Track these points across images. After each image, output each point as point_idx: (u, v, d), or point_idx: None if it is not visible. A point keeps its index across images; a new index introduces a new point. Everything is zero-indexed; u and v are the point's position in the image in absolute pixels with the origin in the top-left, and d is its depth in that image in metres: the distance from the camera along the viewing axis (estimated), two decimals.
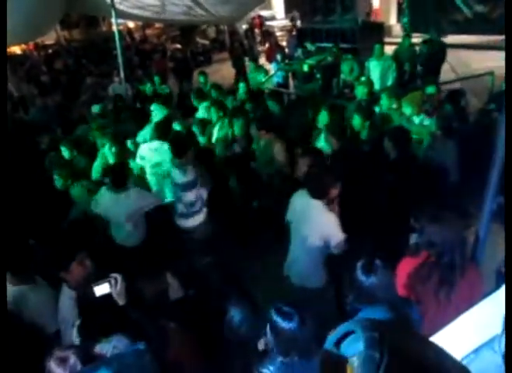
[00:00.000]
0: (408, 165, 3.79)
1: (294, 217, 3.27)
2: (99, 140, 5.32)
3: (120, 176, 4.07)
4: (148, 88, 8.45)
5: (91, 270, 2.74)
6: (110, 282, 2.20)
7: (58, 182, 4.46)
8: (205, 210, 4.26)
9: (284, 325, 1.94)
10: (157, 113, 5.90)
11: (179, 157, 4.08)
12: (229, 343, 2.40)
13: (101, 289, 2.19)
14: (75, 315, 2.53)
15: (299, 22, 18.38)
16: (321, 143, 4.59)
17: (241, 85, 7.56)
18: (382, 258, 2.19)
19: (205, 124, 5.63)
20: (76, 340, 2.41)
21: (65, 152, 5.21)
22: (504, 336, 1.47)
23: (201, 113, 6.48)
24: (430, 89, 5.61)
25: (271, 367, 2.00)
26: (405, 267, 2.46)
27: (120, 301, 2.23)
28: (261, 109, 5.99)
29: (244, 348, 2.20)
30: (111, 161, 4.84)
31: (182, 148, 4.10)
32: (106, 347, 2.24)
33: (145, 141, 5.22)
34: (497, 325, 1.63)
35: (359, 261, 2.18)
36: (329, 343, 1.03)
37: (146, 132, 5.52)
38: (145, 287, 2.50)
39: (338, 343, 1.01)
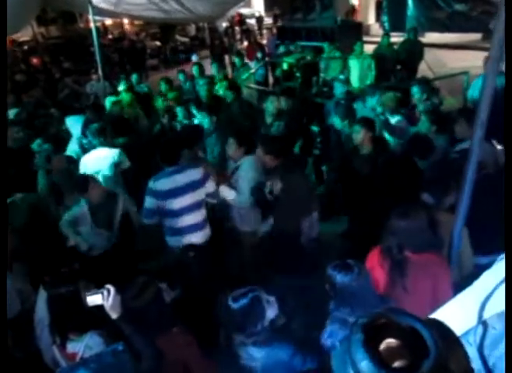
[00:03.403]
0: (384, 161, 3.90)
1: None
2: None
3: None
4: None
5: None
6: (102, 293, 2.09)
7: None
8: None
9: (233, 305, 2.04)
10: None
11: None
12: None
13: (93, 299, 2.09)
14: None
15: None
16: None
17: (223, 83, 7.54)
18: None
19: None
20: (49, 339, 2.38)
21: None
22: (480, 328, 1.51)
23: None
24: (415, 89, 5.26)
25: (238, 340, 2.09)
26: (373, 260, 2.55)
27: (113, 315, 2.10)
28: None
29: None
30: None
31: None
32: (78, 346, 2.23)
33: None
34: (472, 319, 1.68)
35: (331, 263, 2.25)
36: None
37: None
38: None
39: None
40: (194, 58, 11.05)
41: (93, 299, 2.09)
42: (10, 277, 2.96)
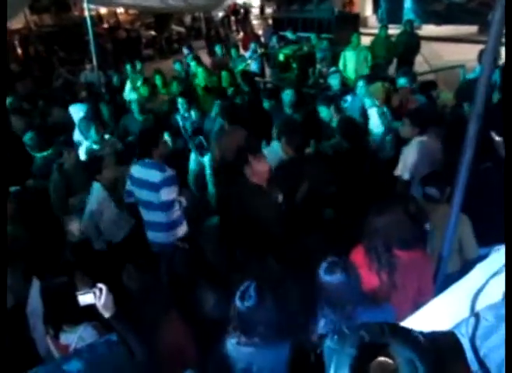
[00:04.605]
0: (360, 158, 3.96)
1: None
2: None
3: None
4: (116, 79, 8.29)
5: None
6: (94, 293, 2.05)
7: None
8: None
9: (240, 304, 1.94)
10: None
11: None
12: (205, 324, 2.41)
13: (85, 299, 2.05)
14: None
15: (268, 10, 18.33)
16: None
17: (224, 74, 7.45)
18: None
19: None
20: (43, 330, 2.39)
21: None
22: (473, 320, 1.52)
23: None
24: (402, 81, 5.28)
25: (233, 341, 2.00)
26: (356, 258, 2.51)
27: (106, 314, 2.05)
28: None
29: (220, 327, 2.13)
30: None
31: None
32: (71, 337, 2.23)
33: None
34: (465, 310, 1.69)
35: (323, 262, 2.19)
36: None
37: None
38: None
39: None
40: (185, 52, 9.90)
41: (85, 298, 2.06)
42: None
